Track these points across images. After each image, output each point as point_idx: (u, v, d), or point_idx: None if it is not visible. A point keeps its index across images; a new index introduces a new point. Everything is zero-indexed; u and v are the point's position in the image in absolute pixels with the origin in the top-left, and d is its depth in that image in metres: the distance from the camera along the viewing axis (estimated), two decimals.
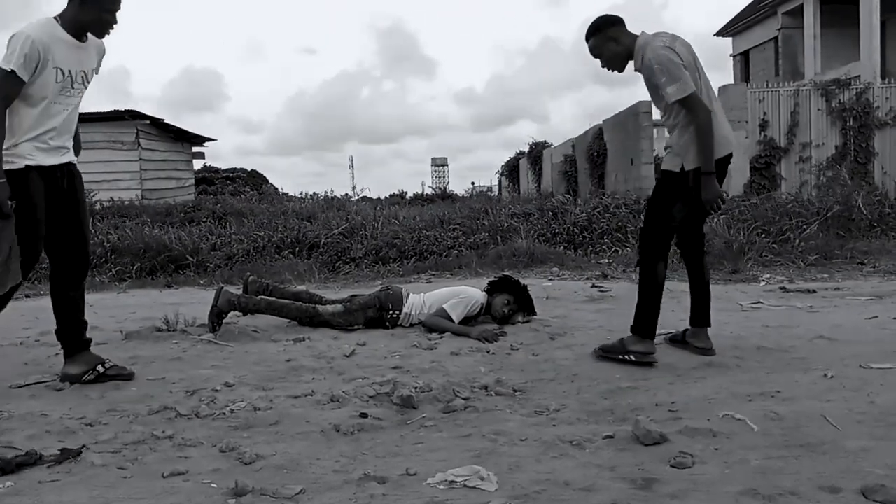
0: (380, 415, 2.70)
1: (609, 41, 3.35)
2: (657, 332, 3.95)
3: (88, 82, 3.21)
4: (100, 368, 3.23)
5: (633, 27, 3.40)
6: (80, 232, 3.30)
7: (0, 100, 2.91)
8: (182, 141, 17.48)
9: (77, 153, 4.01)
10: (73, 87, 3.11)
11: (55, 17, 3.04)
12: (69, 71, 3.05)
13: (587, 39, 3.42)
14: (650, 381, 3.05)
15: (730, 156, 3.38)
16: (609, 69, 3.44)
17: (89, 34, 3.12)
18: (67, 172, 3.22)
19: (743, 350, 3.51)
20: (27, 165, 3.00)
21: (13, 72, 2.87)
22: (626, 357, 3.32)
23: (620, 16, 3.42)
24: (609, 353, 3.38)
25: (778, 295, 5.52)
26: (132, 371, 3.32)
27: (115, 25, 3.12)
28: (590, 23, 3.42)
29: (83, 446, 2.36)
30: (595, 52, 3.42)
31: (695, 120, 3.17)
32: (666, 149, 3.45)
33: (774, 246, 7.98)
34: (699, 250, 3.54)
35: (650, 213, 3.47)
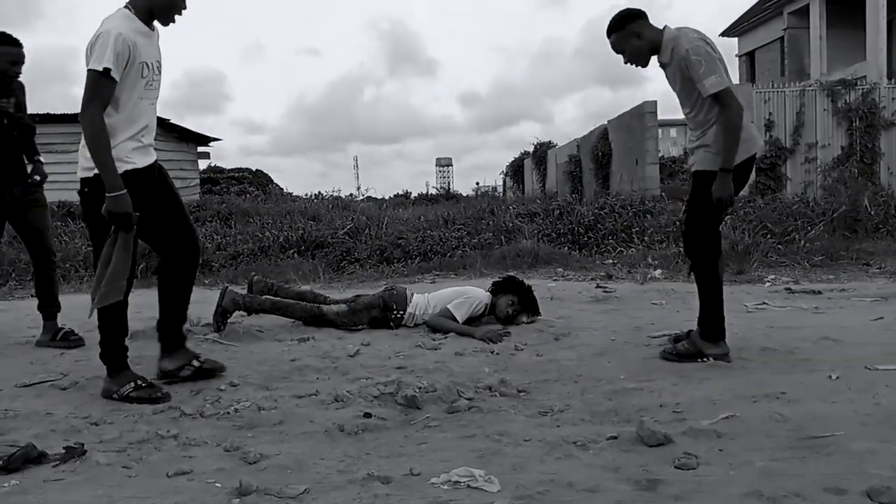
0: (384, 415, 2.70)
1: (632, 36, 3.27)
2: (661, 333, 3.97)
3: (161, 72, 3.07)
4: (195, 363, 3.19)
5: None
6: (187, 224, 3.20)
7: (98, 104, 2.77)
8: (187, 141, 17.51)
9: None
10: (154, 80, 2.99)
11: (126, 7, 2.90)
12: (150, 63, 2.93)
13: (608, 35, 3.33)
14: (654, 382, 3.05)
15: (755, 155, 3.34)
16: (633, 64, 3.35)
17: (155, 22, 2.99)
18: (158, 169, 3.13)
19: (748, 351, 3.50)
20: (126, 171, 2.86)
21: (107, 71, 2.72)
22: (705, 360, 3.29)
23: (642, 9, 3.32)
24: (685, 359, 3.32)
25: (783, 296, 5.50)
26: (223, 364, 3.30)
27: (183, 11, 2.99)
28: (611, 17, 3.34)
29: (82, 445, 2.36)
30: (617, 47, 3.34)
31: (727, 116, 3.11)
32: (697, 148, 3.32)
33: (780, 247, 7.96)
34: (716, 251, 3.49)
35: (694, 215, 3.35)
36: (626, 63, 3.35)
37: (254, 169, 26.36)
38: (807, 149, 11.65)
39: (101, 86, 2.76)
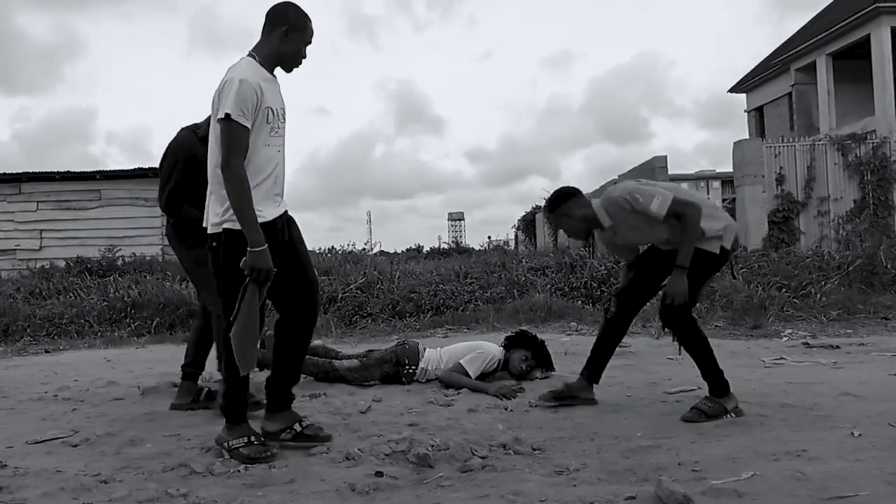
0: (395, 473, 2.65)
1: (563, 217, 3.55)
2: (677, 389, 3.92)
3: (286, 120, 3.00)
4: (297, 427, 3.02)
5: (641, 90, 3.50)
6: (307, 279, 3.04)
7: (239, 154, 2.70)
8: None
9: None
10: (279, 127, 2.91)
11: (250, 56, 2.89)
12: (275, 109, 2.86)
13: (545, 216, 3.54)
14: (672, 439, 2.99)
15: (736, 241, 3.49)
16: (575, 238, 3.61)
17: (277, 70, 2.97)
18: (286, 222, 3.00)
19: (766, 407, 3.44)
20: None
21: (229, 116, 2.68)
22: (731, 415, 3.30)
23: (574, 188, 3.61)
24: (714, 418, 3.29)
25: (801, 350, 5.43)
26: (329, 434, 3.08)
27: (304, 60, 2.98)
28: (547, 198, 3.63)
29: None
30: (555, 226, 3.65)
31: (687, 220, 3.27)
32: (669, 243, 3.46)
33: (796, 301, 7.89)
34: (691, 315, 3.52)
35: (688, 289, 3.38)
36: (568, 238, 3.56)
37: None
38: (819, 202, 11.65)
39: (236, 134, 2.70)
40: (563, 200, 3.54)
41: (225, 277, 2.83)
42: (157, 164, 4.02)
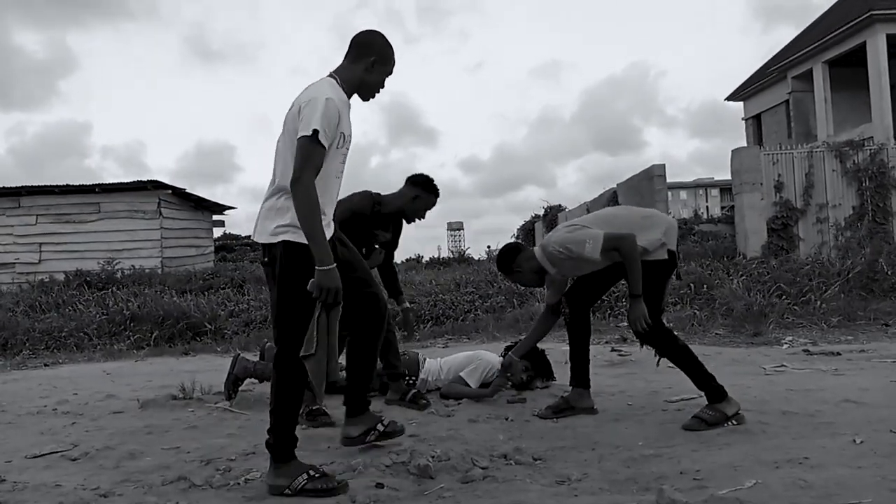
0: (396, 485, 2.64)
1: (513, 272, 3.79)
2: (679, 397, 3.91)
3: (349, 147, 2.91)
4: (379, 427, 3.07)
5: (632, 99, 3.56)
6: (364, 286, 3.00)
7: (312, 171, 2.58)
8: (202, 209, 17.81)
9: None
10: (346, 153, 2.83)
11: (331, 77, 2.80)
12: (346, 135, 2.78)
13: (499, 271, 3.90)
14: (674, 448, 2.97)
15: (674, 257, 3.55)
16: (530, 286, 4.00)
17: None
18: (336, 241, 2.88)
19: (768, 415, 3.43)
20: (302, 243, 2.62)
21: (315, 133, 2.57)
22: (732, 422, 3.29)
23: (517, 243, 3.96)
24: (715, 426, 3.28)
25: (801, 358, 5.42)
26: (403, 426, 3.18)
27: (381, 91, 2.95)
28: (496, 258, 3.93)
29: None
30: (509, 279, 3.96)
31: (622, 252, 3.36)
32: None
33: (796, 308, 7.88)
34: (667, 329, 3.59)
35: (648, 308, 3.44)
36: (523, 287, 3.66)
37: None
38: (818, 209, 11.65)
39: (313, 152, 2.59)
40: (511, 258, 3.76)
41: (282, 292, 2.69)
42: (153, 177, 4.05)
